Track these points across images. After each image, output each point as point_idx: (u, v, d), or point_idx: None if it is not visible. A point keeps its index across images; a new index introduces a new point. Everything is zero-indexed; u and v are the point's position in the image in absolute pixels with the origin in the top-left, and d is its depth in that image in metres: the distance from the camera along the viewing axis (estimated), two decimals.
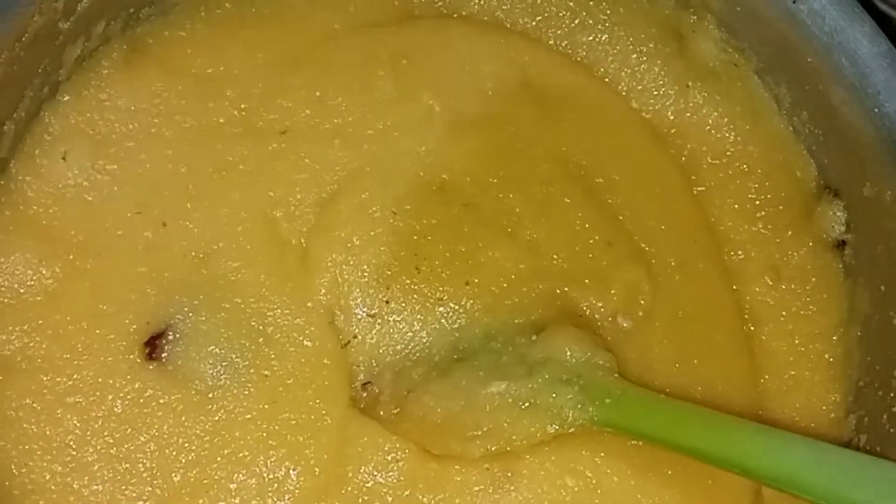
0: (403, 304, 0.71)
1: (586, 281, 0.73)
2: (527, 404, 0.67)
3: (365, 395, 0.70)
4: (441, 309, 0.71)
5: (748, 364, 0.76)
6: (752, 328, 0.78)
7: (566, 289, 0.73)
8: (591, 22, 0.82)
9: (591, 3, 0.81)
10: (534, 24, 0.82)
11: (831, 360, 0.76)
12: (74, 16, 0.68)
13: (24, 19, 0.64)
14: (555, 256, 0.74)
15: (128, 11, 0.72)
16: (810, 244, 0.78)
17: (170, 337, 0.67)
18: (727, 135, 0.81)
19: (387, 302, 0.71)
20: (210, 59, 0.75)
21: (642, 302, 0.74)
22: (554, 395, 0.66)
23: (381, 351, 0.71)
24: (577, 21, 0.82)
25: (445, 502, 0.67)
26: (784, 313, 0.78)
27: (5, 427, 0.65)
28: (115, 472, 0.65)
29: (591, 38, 0.82)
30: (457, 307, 0.71)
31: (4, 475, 0.64)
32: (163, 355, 0.67)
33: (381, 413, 0.69)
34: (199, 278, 0.69)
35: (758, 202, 0.80)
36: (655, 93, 0.82)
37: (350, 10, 0.78)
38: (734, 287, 0.78)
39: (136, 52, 0.73)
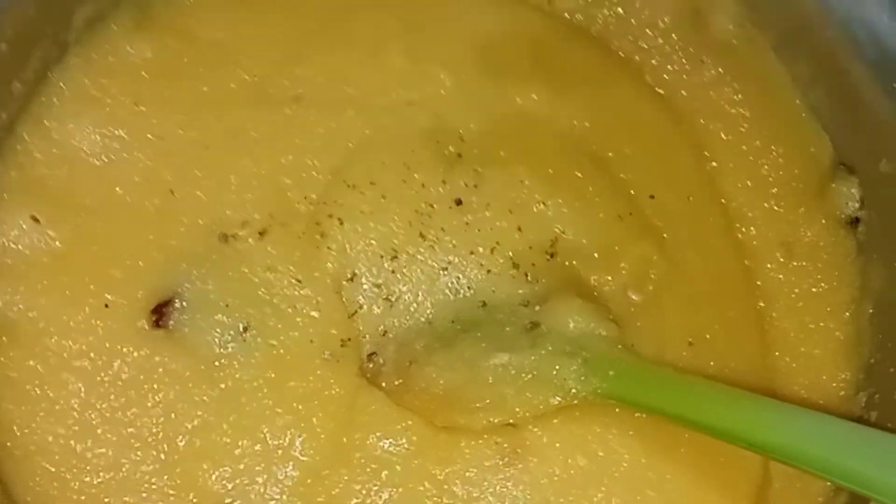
0: (408, 274, 0.70)
1: (595, 255, 0.72)
2: (529, 376, 0.66)
3: (371, 365, 0.69)
4: (445, 279, 0.70)
5: (759, 341, 0.75)
6: (763, 305, 0.77)
7: (574, 262, 0.72)
8: None
9: None
10: None
11: (842, 337, 0.75)
12: None
13: None
14: (563, 229, 0.72)
15: None
16: (823, 221, 0.77)
17: (177, 305, 0.66)
18: (741, 111, 0.79)
19: (392, 272, 0.70)
20: (222, 26, 0.73)
21: (653, 276, 0.73)
22: (557, 367, 0.65)
23: (386, 322, 0.69)
24: None
25: (456, 475, 0.66)
26: (796, 290, 0.77)
27: (8, 388, 0.64)
28: (119, 436, 0.64)
29: (605, 11, 0.80)
30: (461, 277, 0.70)
31: (6, 436, 0.63)
32: (170, 322, 0.66)
33: (384, 384, 0.68)
34: (206, 247, 0.68)
35: (771, 179, 0.78)
36: (669, 68, 0.80)
37: None
38: (746, 263, 0.77)
39: (147, 15, 0.72)
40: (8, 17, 0.62)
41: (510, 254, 0.71)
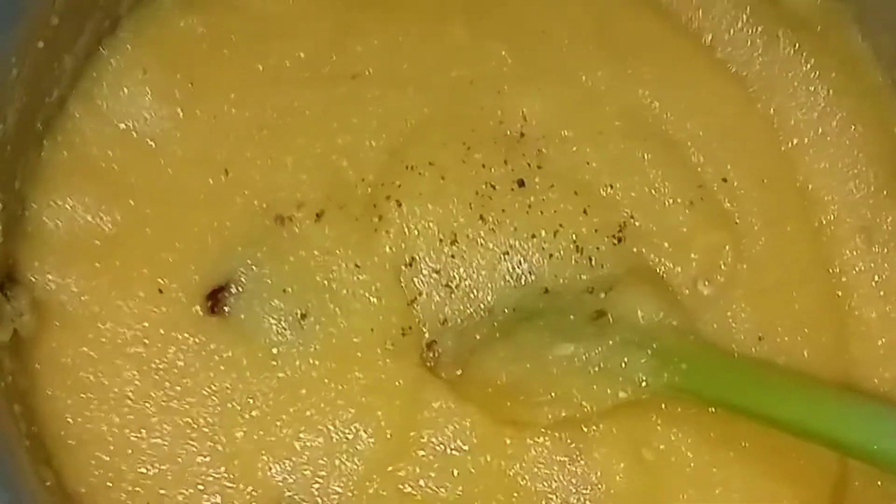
0: (468, 259, 0.69)
1: (665, 244, 0.71)
2: (596, 368, 0.65)
3: (431, 355, 0.68)
4: (506, 263, 0.70)
5: (836, 332, 0.74)
6: (841, 294, 0.76)
7: (643, 249, 0.71)
8: None
9: None
10: None
11: None
12: None
13: None
14: (631, 213, 0.72)
15: None
16: None
17: (232, 290, 0.66)
18: (819, 89, 0.78)
19: (452, 257, 0.69)
20: None
21: (724, 267, 0.72)
22: (626, 359, 0.65)
23: (445, 310, 0.69)
24: None
25: (525, 471, 0.67)
26: (876, 278, 0.76)
27: (60, 375, 0.64)
28: (174, 426, 0.64)
29: None
30: (522, 262, 0.70)
31: (59, 424, 0.64)
32: (225, 309, 0.66)
33: (444, 375, 0.67)
34: (262, 230, 0.67)
35: (850, 160, 0.77)
36: (743, 43, 0.79)
37: None
38: (823, 250, 0.76)
39: None
40: None
41: (574, 237, 0.71)
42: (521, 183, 0.71)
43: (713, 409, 0.66)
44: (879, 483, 0.70)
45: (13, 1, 0.59)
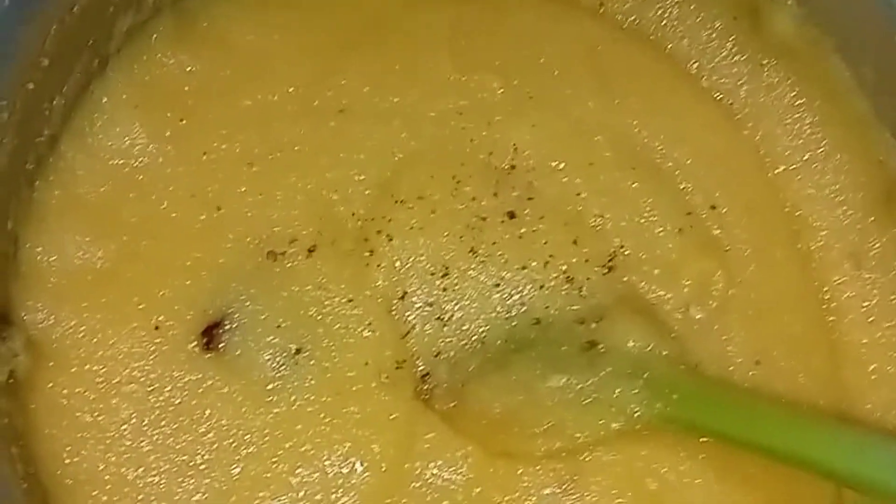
0: (460, 292, 0.70)
1: (655, 271, 0.72)
2: (589, 399, 0.66)
3: (426, 387, 0.69)
4: (497, 295, 0.71)
5: (828, 357, 0.75)
6: (832, 319, 0.76)
7: (633, 277, 0.72)
8: None
9: None
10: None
11: None
12: None
13: None
14: (621, 243, 0.73)
15: None
16: (894, 231, 0.76)
17: (227, 326, 0.67)
18: (804, 116, 0.79)
19: (444, 289, 0.70)
20: (262, 36, 0.73)
21: (715, 292, 0.73)
22: (618, 390, 0.66)
23: (438, 342, 0.70)
24: None
25: (520, 503, 0.67)
26: (865, 303, 0.77)
27: (56, 415, 0.65)
28: (171, 463, 0.65)
29: (660, 13, 0.80)
30: (513, 293, 0.71)
31: (56, 464, 0.64)
32: (220, 345, 0.67)
33: (437, 407, 0.68)
34: (254, 265, 0.68)
35: (837, 187, 0.78)
36: (728, 71, 0.80)
37: None
38: (813, 275, 0.77)
39: (187, 24, 0.73)
40: (51, 28, 0.62)
41: (564, 267, 0.72)
42: (512, 215, 0.72)
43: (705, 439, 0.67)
44: None
45: (2, 44, 0.59)
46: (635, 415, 0.66)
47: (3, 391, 0.60)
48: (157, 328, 0.66)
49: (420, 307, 0.70)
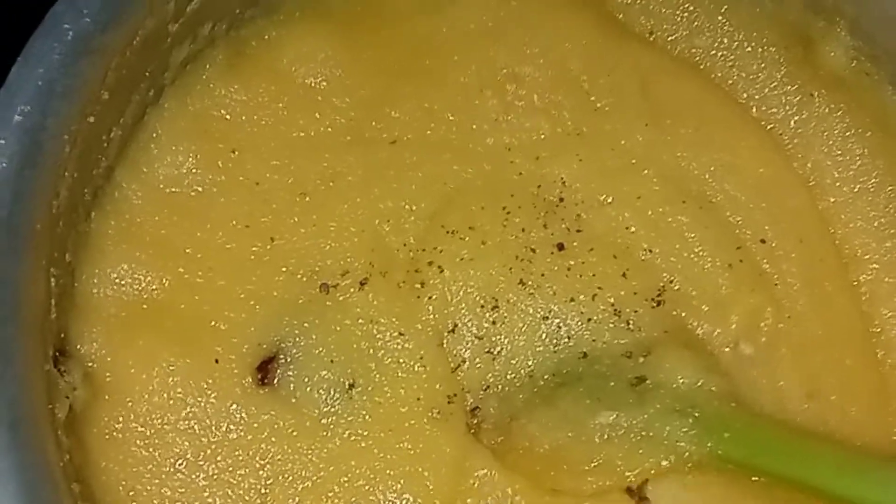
0: (509, 324, 0.71)
1: (704, 307, 0.73)
2: (639, 437, 0.67)
3: (475, 421, 0.70)
4: (545, 328, 0.71)
5: (880, 390, 0.76)
6: (882, 353, 0.77)
7: (683, 313, 0.73)
8: (709, 25, 0.81)
9: (710, 5, 0.80)
10: (649, 26, 0.80)
11: None
12: (184, 17, 0.68)
13: (136, 22, 0.64)
14: (671, 278, 0.73)
15: (234, 12, 0.72)
16: None
17: (281, 361, 0.68)
18: (854, 147, 0.80)
19: (493, 322, 0.71)
20: (315, 66, 0.74)
21: (765, 327, 0.74)
22: (668, 428, 0.66)
23: (487, 376, 0.71)
24: (695, 24, 0.80)
25: None
26: None
27: (112, 448, 0.66)
28: (227, 498, 0.66)
29: (710, 41, 0.81)
30: (561, 326, 0.71)
31: (111, 497, 0.65)
32: (275, 380, 0.68)
33: (484, 441, 0.69)
34: (307, 298, 0.69)
35: (886, 220, 0.79)
36: (778, 101, 0.81)
37: (450, 15, 0.77)
38: (862, 309, 0.78)
39: (240, 54, 0.73)
40: (112, 62, 0.63)
41: (612, 300, 0.72)
42: (561, 247, 0.73)
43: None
44: None
45: (67, 79, 0.60)
46: (686, 453, 0.66)
47: (63, 427, 0.61)
48: (216, 361, 0.67)
49: (470, 340, 0.71)
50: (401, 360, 0.69)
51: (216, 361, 0.67)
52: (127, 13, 0.63)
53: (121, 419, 0.66)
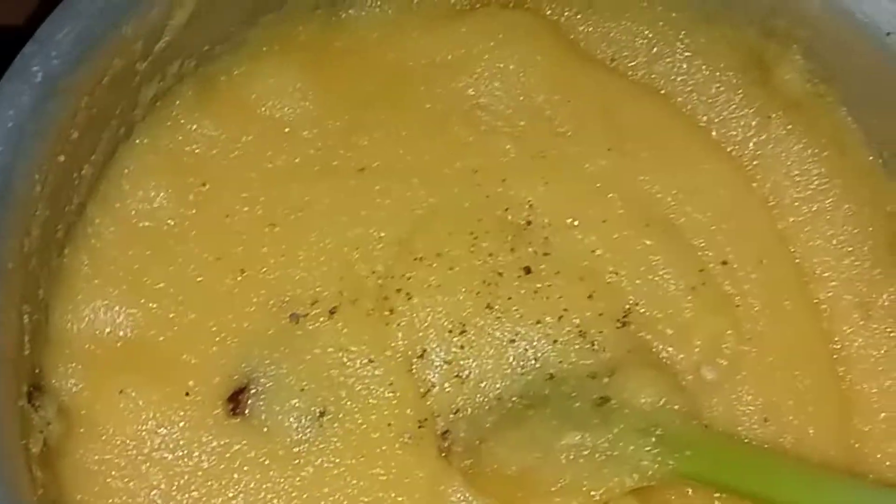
0: (477, 348, 0.72)
1: (668, 331, 0.75)
2: (604, 457, 0.68)
3: (447, 444, 0.71)
4: (512, 351, 0.73)
5: (838, 408, 0.77)
6: (842, 369, 0.78)
7: (648, 336, 0.74)
8: (668, 51, 0.82)
9: (668, 31, 0.81)
10: (610, 53, 0.82)
11: None
12: (152, 55, 0.69)
13: (105, 62, 0.65)
14: (636, 301, 0.75)
15: (202, 49, 0.73)
16: None
17: (252, 391, 0.69)
18: (812, 168, 0.81)
19: (461, 347, 0.72)
20: (282, 97, 0.76)
21: (727, 350, 0.75)
22: (632, 447, 0.68)
23: (457, 400, 0.72)
24: (654, 50, 0.82)
25: None
26: (875, 353, 0.79)
27: (88, 481, 0.66)
28: None
29: (669, 66, 0.82)
30: (528, 348, 0.73)
31: None
32: (246, 410, 0.69)
33: (455, 465, 0.70)
34: (278, 328, 0.70)
35: (845, 238, 0.81)
36: (736, 124, 0.82)
37: (416, 46, 0.78)
38: (823, 327, 0.79)
39: (209, 90, 0.74)
40: (82, 101, 0.64)
41: (577, 321, 0.74)
42: (528, 270, 0.75)
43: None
44: None
45: (36, 120, 0.61)
46: (649, 472, 0.67)
47: (37, 462, 0.62)
48: (186, 394, 0.68)
49: (439, 365, 0.72)
50: (371, 387, 0.70)
51: (186, 395, 0.68)
52: (96, 53, 0.64)
53: (95, 452, 0.67)
